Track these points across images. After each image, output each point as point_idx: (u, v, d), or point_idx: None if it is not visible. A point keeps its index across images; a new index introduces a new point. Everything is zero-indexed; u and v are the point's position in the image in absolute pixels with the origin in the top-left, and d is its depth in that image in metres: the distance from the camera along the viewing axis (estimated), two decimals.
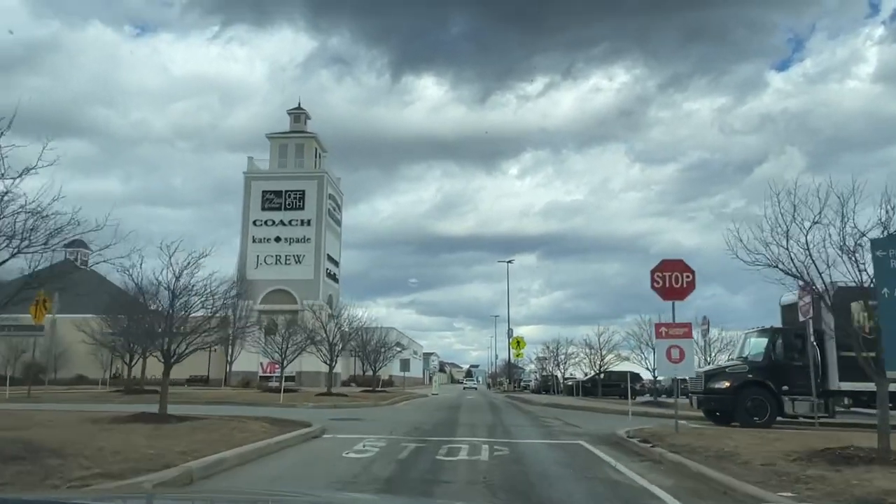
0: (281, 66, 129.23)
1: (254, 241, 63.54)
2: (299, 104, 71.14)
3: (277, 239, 63.63)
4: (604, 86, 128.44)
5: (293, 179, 65.22)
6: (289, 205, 64.35)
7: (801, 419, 17.11)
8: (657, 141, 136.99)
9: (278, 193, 64.58)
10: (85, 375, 47.11)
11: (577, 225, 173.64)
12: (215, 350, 57.45)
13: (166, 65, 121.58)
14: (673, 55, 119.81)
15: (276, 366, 59.67)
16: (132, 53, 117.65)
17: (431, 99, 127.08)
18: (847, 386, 16.30)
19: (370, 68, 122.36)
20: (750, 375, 17.18)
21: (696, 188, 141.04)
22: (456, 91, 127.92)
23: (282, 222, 63.94)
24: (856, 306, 14.04)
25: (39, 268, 10.36)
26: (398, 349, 55.25)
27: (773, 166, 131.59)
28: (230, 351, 52.61)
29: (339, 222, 71.50)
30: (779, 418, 16.68)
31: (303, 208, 64.28)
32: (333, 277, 68.10)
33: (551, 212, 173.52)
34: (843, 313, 15.77)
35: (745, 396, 16.82)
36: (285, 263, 62.88)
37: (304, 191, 64.61)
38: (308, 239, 63.62)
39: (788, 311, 19.00)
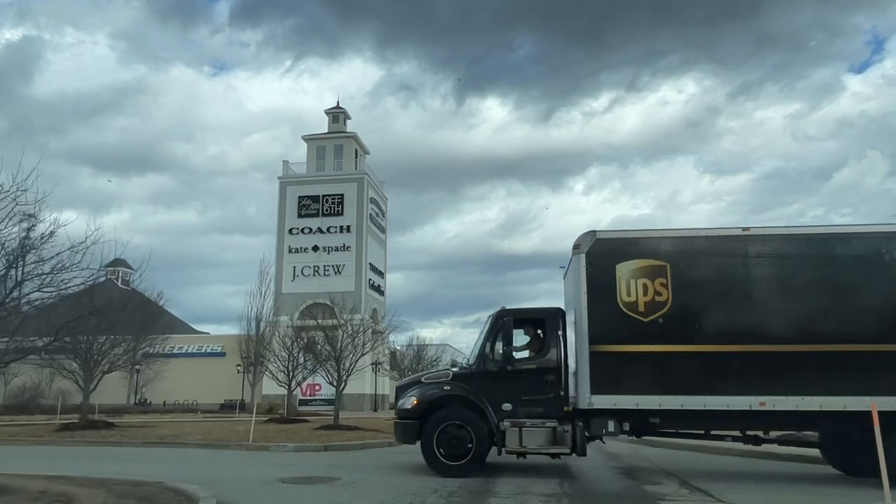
0: (349, 96, 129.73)
1: (290, 251, 57.95)
2: (338, 103, 65.74)
3: (315, 248, 57.80)
4: (671, 98, 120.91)
5: (331, 183, 59.40)
6: (326, 210, 58.49)
7: (532, 454, 10.84)
8: (728, 151, 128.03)
9: (315, 198, 58.83)
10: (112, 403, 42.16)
11: None
12: (247, 371, 52.28)
13: (241, 100, 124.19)
14: (743, 63, 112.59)
15: (317, 387, 54.10)
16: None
17: (495, 119, 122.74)
18: (605, 401, 10.14)
19: (435, 93, 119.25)
20: (447, 388, 10.92)
21: (771, 197, 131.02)
22: (520, 111, 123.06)
23: (319, 230, 58.07)
24: (625, 269, 10.36)
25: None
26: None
27: (853, 171, 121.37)
28: (253, 372, 46.89)
29: (382, 229, 65.11)
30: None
31: (342, 213, 58.29)
32: (378, 289, 61.64)
33: (619, 226, 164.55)
34: (603, 281, 10.34)
35: (435, 423, 10.63)
36: (324, 274, 56.74)
37: (342, 194, 58.64)
38: (348, 247, 57.49)
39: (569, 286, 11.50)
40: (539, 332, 11.28)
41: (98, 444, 16.38)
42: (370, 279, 59.15)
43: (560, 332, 10.93)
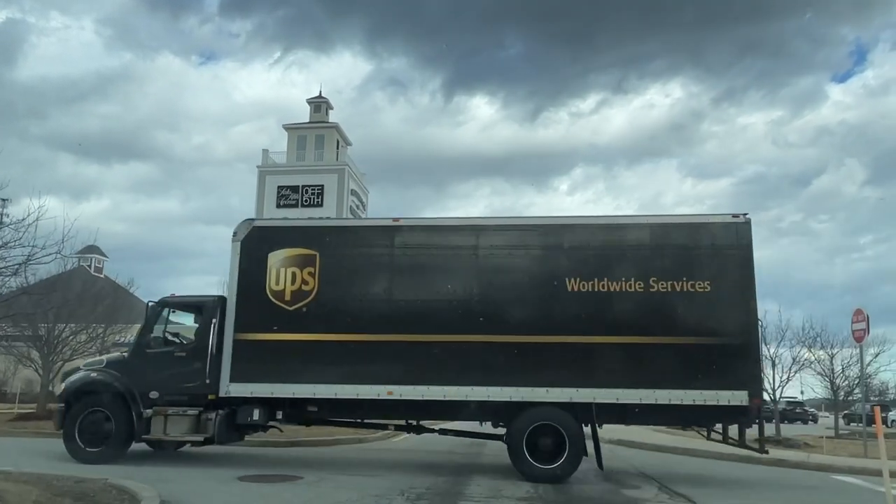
0: (337, 89, 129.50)
1: None
2: (320, 93, 64.73)
3: None
4: (657, 101, 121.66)
5: (311, 173, 58.48)
6: (306, 201, 57.54)
7: (171, 441, 10.79)
8: (711, 155, 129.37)
9: (295, 189, 57.91)
10: None
11: None
12: None
13: (228, 91, 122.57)
14: (728, 69, 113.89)
15: None
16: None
17: (483, 117, 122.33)
18: (242, 389, 10.31)
19: (423, 89, 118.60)
20: (94, 375, 10.90)
21: (751, 202, 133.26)
22: (507, 109, 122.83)
23: None
24: (277, 258, 10.41)
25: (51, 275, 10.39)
26: None
27: (831, 178, 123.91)
28: None
29: None
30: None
31: (321, 205, 57.39)
32: None
33: None
34: (254, 269, 10.47)
35: (79, 409, 10.70)
36: None
37: (322, 185, 57.77)
38: None
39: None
40: (198, 315, 11.23)
41: (52, 437, 15.56)
42: None
43: (216, 321, 10.71)
